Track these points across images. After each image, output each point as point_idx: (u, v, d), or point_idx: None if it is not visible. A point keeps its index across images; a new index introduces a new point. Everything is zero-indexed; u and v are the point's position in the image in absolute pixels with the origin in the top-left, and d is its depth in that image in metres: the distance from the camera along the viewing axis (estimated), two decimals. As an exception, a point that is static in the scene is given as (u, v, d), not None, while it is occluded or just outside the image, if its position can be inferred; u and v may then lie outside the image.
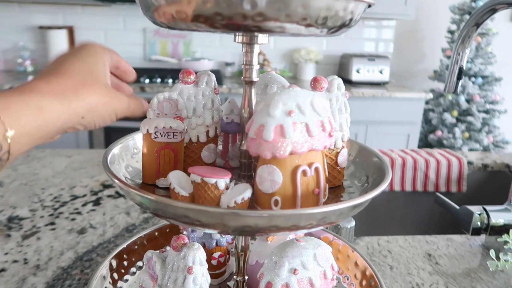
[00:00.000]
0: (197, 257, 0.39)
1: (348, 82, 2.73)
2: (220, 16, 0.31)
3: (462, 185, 1.29)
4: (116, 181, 0.36)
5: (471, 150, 2.79)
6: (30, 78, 2.29)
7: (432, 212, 1.28)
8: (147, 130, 0.41)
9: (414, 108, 2.56)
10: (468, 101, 2.78)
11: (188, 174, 0.38)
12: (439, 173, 1.28)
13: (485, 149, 2.78)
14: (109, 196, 0.89)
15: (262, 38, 0.40)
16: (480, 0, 2.69)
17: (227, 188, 0.37)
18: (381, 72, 2.73)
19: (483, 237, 0.81)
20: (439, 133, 2.77)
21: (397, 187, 1.27)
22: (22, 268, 0.63)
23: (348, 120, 0.45)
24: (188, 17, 0.32)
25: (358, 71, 2.71)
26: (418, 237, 0.81)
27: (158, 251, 0.43)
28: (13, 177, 0.96)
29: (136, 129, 0.47)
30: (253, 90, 0.42)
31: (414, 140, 2.61)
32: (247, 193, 0.36)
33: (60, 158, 1.10)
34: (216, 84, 0.45)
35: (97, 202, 0.86)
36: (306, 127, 0.35)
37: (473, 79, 2.76)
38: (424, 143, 2.93)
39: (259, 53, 2.74)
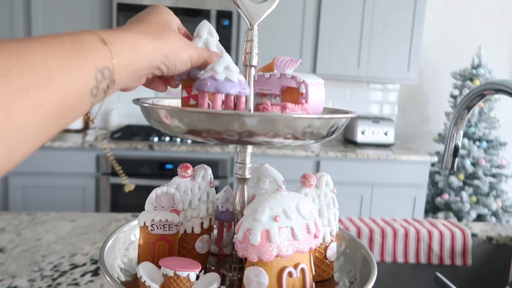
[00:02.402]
0: None
1: (353, 143, 2.78)
2: (213, 132, 0.35)
3: (467, 259, 1.26)
4: (108, 278, 0.37)
5: (479, 215, 2.74)
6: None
7: (436, 286, 1.25)
8: (144, 222, 0.43)
9: (420, 171, 2.57)
10: (474, 164, 2.78)
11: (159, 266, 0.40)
12: (443, 245, 1.26)
13: (494, 214, 2.74)
14: (108, 265, 0.90)
15: (254, 140, 0.43)
16: (480, 68, 2.78)
17: (197, 279, 0.39)
18: (386, 134, 2.78)
19: (486, 321, 0.79)
20: (446, 196, 2.75)
21: (400, 259, 1.25)
22: None
23: (337, 215, 0.47)
24: (183, 131, 0.36)
25: (363, 133, 2.76)
26: (418, 320, 0.79)
27: None
28: (16, 243, 0.98)
29: (141, 188, 0.49)
30: (246, 187, 0.45)
31: (421, 203, 2.59)
32: (216, 283, 0.39)
33: (64, 223, 1.12)
34: (212, 177, 0.48)
35: (95, 272, 0.87)
36: (292, 231, 0.37)
37: (477, 143, 2.78)
38: (432, 206, 2.90)
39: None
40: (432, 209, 2.90)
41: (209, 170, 0.48)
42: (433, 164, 2.96)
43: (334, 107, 2.06)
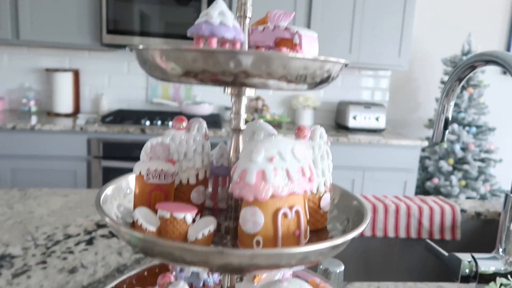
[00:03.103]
0: None
1: (345, 128, 2.79)
2: (208, 73, 0.35)
3: (456, 233, 1.29)
4: (107, 219, 0.38)
5: (468, 199, 2.79)
6: (33, 118, 2.36)
7: (426, 259, 1.27)
8: (140, 172, 0.44)
9: (411, 155, 2.60)
10: (463, 149, 2.82)
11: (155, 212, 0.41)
12: (433, 220, 1.29)
13: (482, 197, 2.79)
14: (102, 236, 0.90)
15: (249, 90, 0.44)
16: (470, 54, 2.81)
17: (193, 221, 0.40)
18: (377, 119, 2.80)
19: (473, 285, 0.81)
20: (436, 180, 2.79)
21: (391, 234, 1.28)
22: (10, 307, 0.63)
23: (330, 166, 0.47)
24: (179, 73, 0.36)
25: (354, 118, 2.78)
26: (409, 284, 0.81)
27: None
28: (8, 215, 0.97)
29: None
30: (240, 138, 0.45)
31: (411, 187, 2.62)
32: (212, 225, 0.39)
33: (56, 197, 1.12)
34: (207, 130, 0.48)
35: (90, 242, 0.87)
36: (287, 172, 0.38)
37: (467, 128, 2.82)
38: (422, 190, 2.94)
39: (258, 99, 2.83)
40: (422, 193, 2.94)
41: (204, 124, 0.48)
42: (423, 149, 3.00)
43: (326, 93, 2.10)
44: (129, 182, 0.50)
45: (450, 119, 0.93)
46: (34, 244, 0.84)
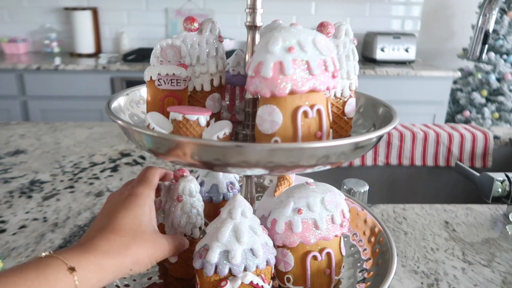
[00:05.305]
0: (187, 188, 0.42)
1: (372, 61, 2.67)
2: None
3: (487, 160, 1.24)
4: (119, 122, 0.36)
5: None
6: (56, 59, 2.35)
7: (454, 188, 1.24)
8: (151, 77, 0.41)
9: (441, 88, 2.48)
10: (499, 80, 2.66)
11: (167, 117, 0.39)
12: (463, 147, 1.23)
13: (517, 130, 2.67)
14: (126, 163, 0.91)
15: (265, -20, 0.39)
16: (514, -27, 2.54)
17: (207, 125, 0.38)
18: (406, 50, 2.64)
19: (505, 207, 0.78)
20: (467, 113, 2.68)
21: (418, 162, 1.24)
22: (42, 225, 0.66)
23: (356, 68, 0.43)
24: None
25: (382, 50, 2.63)
26: (436, 206, 0.79)
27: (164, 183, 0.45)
28: (36, 146, 1.00)
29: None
30: (257, 36, 0.41)
31: (441, 120, 2.53)
32: (228, 128, 0.37)
33: (82, 130, 1.13)
34: (220, 32, 0.44)
35: (114, 169, 0.88)
36: (307, 64, 0.34)
37: (505, 56, 2.63)
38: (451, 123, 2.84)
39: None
40: (452, 127, 2.84)
41: (217, 24, 0.44)
42: (455, 82, 2.85)
43: (352, 24, 1.97)
44: (142, 93, 0.48)
45: (490, 33, 0.85)
46: (61, 171, 0.86)
